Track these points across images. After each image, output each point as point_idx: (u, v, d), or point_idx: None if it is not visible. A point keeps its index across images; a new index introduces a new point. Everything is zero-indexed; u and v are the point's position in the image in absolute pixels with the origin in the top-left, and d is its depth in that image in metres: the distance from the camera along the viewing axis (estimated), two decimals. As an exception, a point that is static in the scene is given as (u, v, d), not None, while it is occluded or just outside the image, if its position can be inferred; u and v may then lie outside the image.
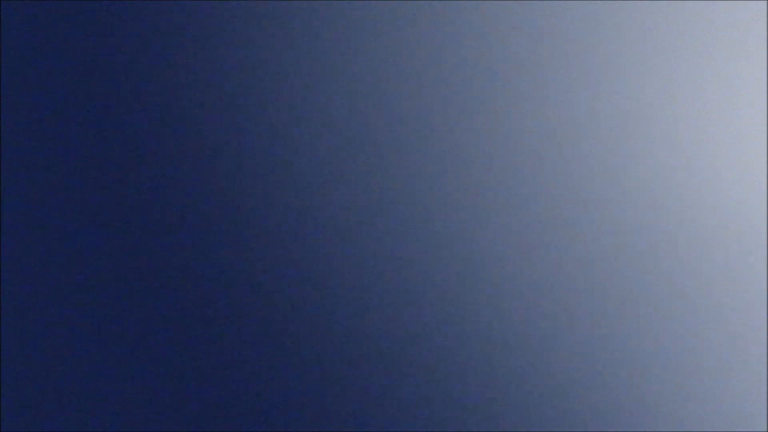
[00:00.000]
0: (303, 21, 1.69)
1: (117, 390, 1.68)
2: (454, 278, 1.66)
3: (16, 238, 1.69)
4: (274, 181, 1.68)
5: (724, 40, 1.64)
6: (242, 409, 1.67)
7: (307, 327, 1.67)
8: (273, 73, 1.69)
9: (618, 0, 1.66)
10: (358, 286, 1.67)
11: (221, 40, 1.69)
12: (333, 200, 1.67)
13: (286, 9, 1.69)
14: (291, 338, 1.67)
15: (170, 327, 1.67)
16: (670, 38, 1.65)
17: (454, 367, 1.65)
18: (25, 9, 1.70)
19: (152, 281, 1.68)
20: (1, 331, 1.68)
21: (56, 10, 1.70)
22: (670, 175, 1.64)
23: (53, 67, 1.70)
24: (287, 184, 1.68)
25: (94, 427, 1.67)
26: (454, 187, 1.66)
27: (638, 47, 1.66)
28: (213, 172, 1.68)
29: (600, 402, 1.64)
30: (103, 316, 1.68)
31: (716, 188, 1.64)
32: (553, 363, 1.64)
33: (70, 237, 1.69)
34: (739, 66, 1.64)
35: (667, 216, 1.64)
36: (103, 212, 1.69)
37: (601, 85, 1.66)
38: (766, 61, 1.64)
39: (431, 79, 1.67)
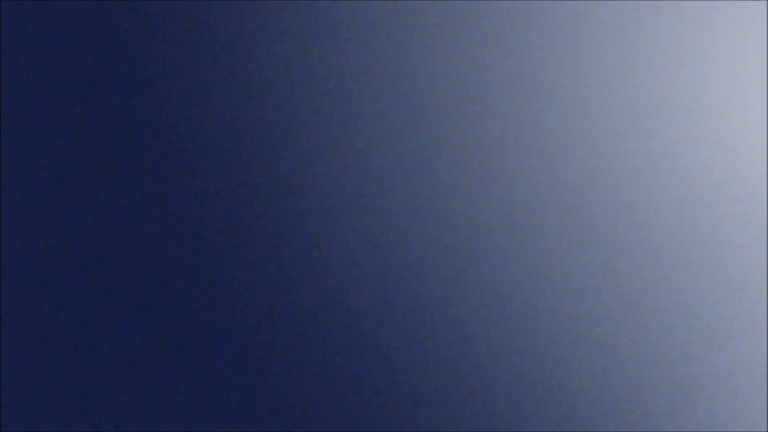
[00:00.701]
0: (302, 21, 1.69)
1: (117, 390, 1.68)
2: (454, 278, 1.66)
3: (16, 238, 1.69)
4: (274, 181, 1.68)
5: (724, 40, 1.65)
6: (242, 409, 1.67)
7: (307, 327, 1.67)
8: (273, 71, 1.69)
9: (618, 0, 1.66)
10: (357, 286, 1.67)
11: (221, 40, 1.69)
12: (333, 200, 1.67)
13: (286, 9, 1.69)
14: (290, 338, 1.67)
15: (170, 327, 1.67)
16: (669, 38, 1.65)
17: (454, 367, 1.66)
18: (25, 9, 1.70)
19: (151, 281, 1.68)
20: (1, 331, 1.68)
21: (56, 10, 1.70)
22: (669, 175, 1.65)
23: (53, 68, 1.70)
24: (286, 184, 1.68)
25: (95, 427, 1.67)
26: (454, 186, 1.67)
27: (638, 47, 1.66)
28: (212, 172, 1.68)
29: (600, 402, 1.64)
30: (103, 315, 1.68)
31: (716, 188, 1.64)
32: (552, 363, 1.64)
33: (71, 237, 1.69)
34: (739, 66, 1.65)
35: (666, 216, 1.65)
36: (103, 212, 1.69)
37: (599, 85, 1.66)
38: (766, 61, 1.64)
39: (432, 78, 1.67)
